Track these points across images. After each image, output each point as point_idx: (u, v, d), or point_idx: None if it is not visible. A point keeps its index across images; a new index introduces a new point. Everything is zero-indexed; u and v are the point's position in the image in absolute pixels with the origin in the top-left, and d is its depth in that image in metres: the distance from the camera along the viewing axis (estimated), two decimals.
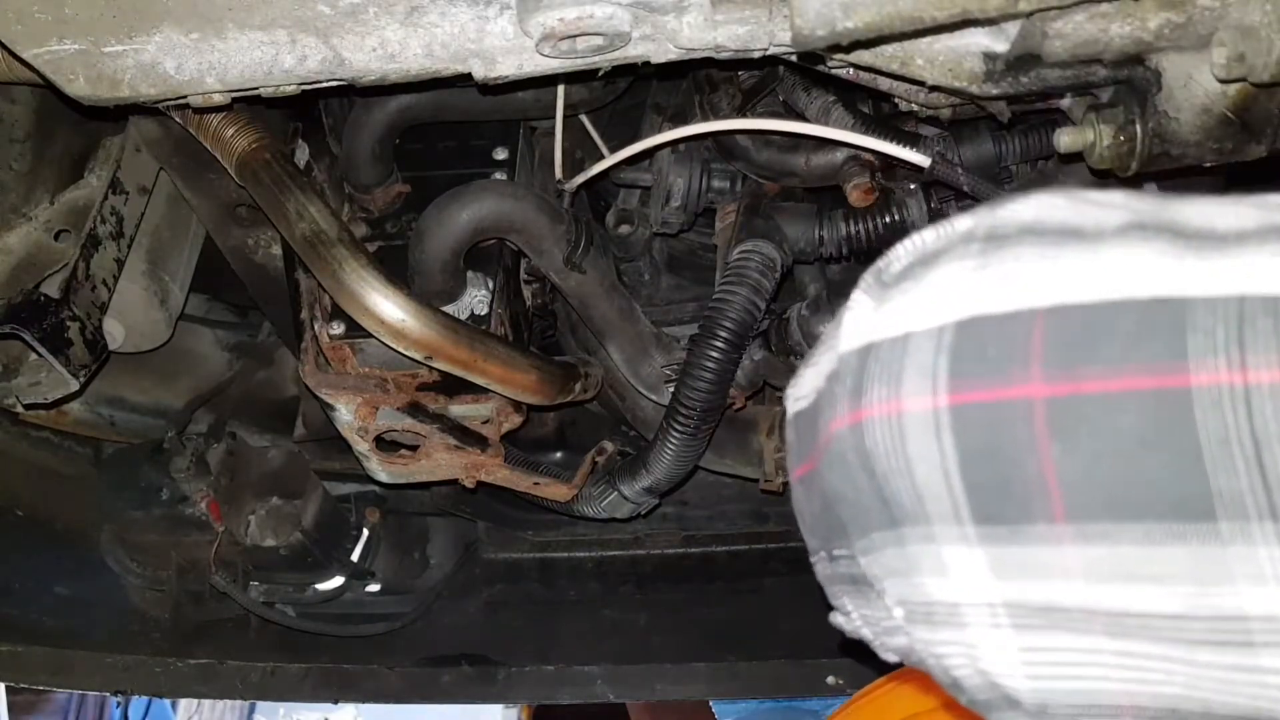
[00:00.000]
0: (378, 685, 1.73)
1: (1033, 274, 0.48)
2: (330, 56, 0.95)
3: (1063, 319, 0.47)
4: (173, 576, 1.70)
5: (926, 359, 0.49)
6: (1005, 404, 0.47)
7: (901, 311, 0.51)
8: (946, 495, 0.48)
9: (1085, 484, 0.45)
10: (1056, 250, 0.49)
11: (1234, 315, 0.43)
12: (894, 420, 0.49)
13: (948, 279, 0.51)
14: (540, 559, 1.81)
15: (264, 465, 1.68)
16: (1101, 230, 0.49)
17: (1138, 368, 0.44)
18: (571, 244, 1.26)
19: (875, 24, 0.85)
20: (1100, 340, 0.45)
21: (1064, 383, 0.46)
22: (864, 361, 0.52)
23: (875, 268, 0.56)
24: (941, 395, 0.48)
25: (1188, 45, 0.90)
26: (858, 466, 0.52)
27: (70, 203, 1.38)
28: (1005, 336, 0.47)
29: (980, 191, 1.14)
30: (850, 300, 0.56)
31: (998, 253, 0.50)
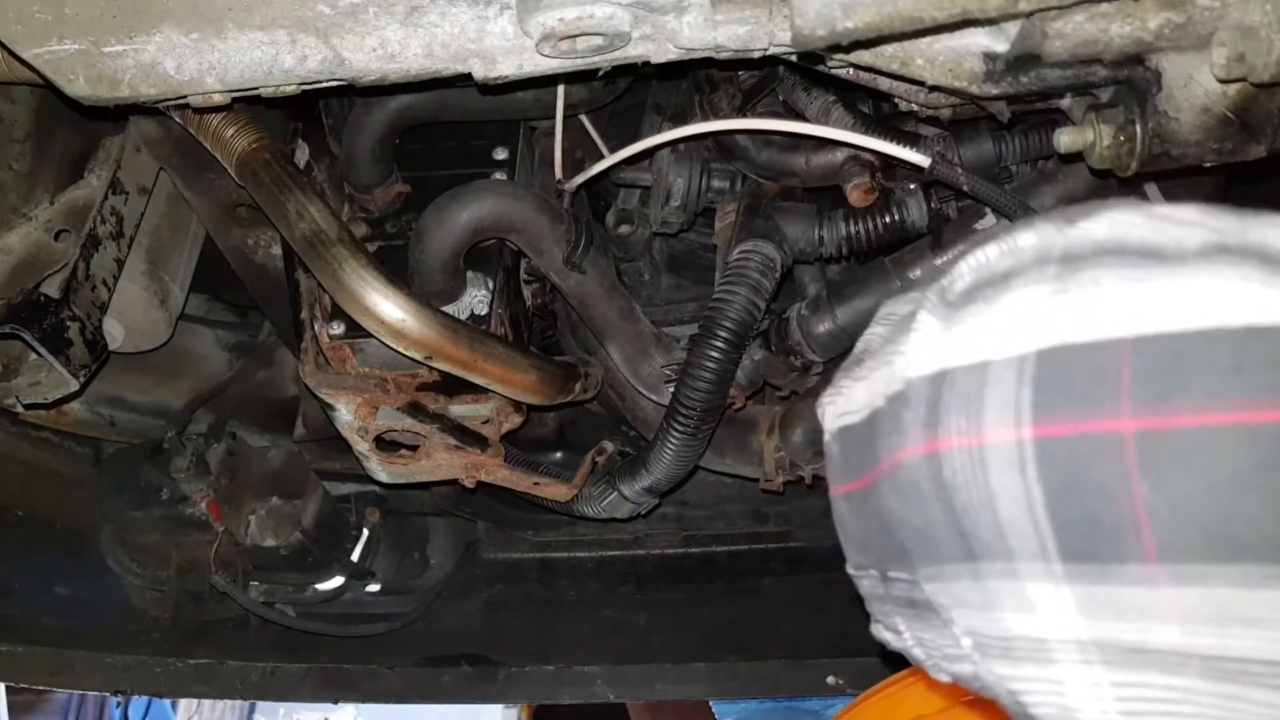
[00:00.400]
0: (378, 685, 1.73)
1: (1116, 299, 0.46)
2: (330, 56, 0.95)
3: (1152, 349, 0.45)
4: (173, 576, 1.69)
5: (1008, 389, 0.47)
6: (1093, 438, 0.45)
7: (975, 336, 0.50)
8: (1032, 531, 0.47)
9: (1180, 523, 0.44)
10: (1139, 273, 0.46)
11: None
12: (975, 452, 0.48)
13: (1024, 303, 0.49)
14: (540, 559, 1.81)
15: (264, 465, 1.68)
16: (1183, 251, 0.47)
17: (1234, 402, 0.43)
18: (571, 244, 1.26)
19: (875, 24, 0.85)
20: (1193, 372, 0.43)
21: (1155, 417, 0.44)
22: (938, 389, 0.50)
23: (938, 285, 0.54)
24: (1025, 428, 0.46)
25: (1188, 45, 0.90)
26: (933, 497, 0.50)
27: (70, 203, 1.38)
28: (1091, 367, 0.46)
29: (980, 192, 1.14)
30: (915, 320, 0.53)
31: (1076, 275, 0.48)
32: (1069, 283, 0.48)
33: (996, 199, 1.15)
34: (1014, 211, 1.15)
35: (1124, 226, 0.50)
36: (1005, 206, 1.15)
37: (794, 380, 1.37)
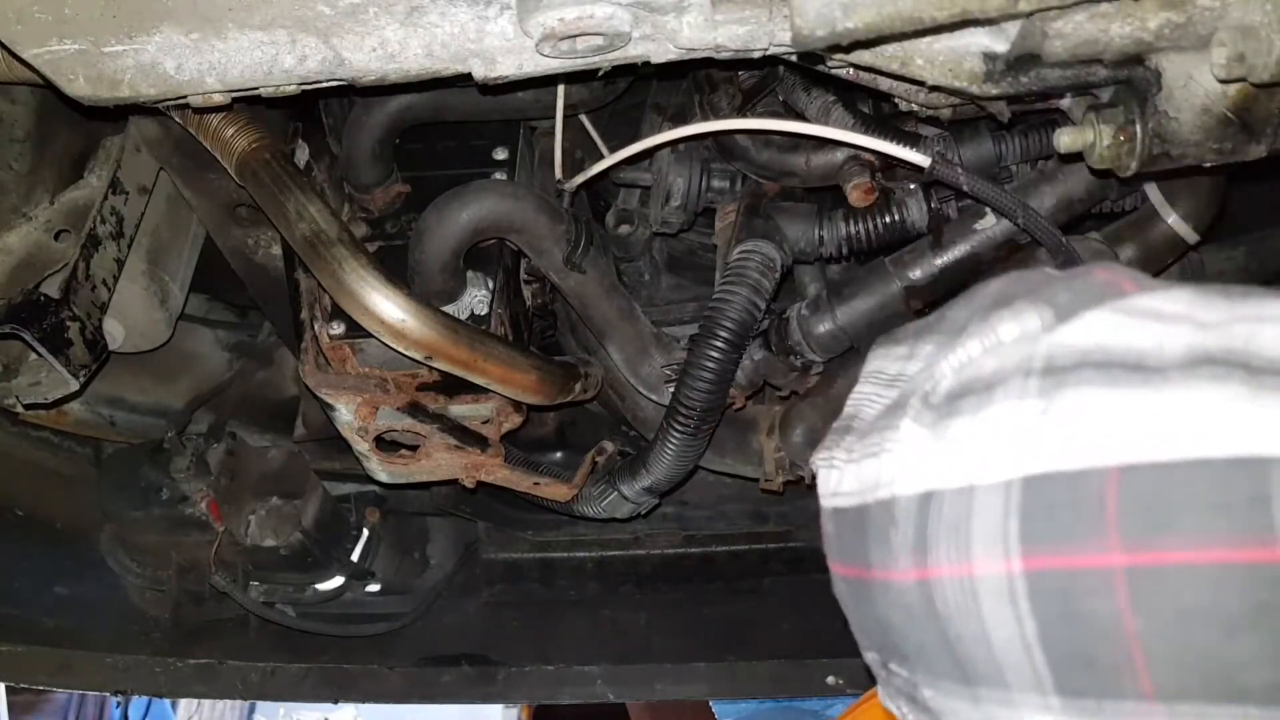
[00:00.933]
0: (378, 685, 1.73)
1: (1100, 423, 0.46)
2: (330, 56, 0.95)
3: (1136, 480, 0.44)
4: (173, 576, 1.69)
5: (995, 519, 0.47)
6: (1083, 572, 0.45)
7: (961, 456, 0.49)
8: (1027, 665, 0.47)
9: (1175, 663, 0.43)
10: (1122, 391, 0.46)
11: None
12: (966, 583, 0.48)
13: (1009, 422, 0.48)
14: (540, 559, 1.81)
15: (264, 465, 1.68)
16: (1166, 361, 0.46)
17: (1221, 539, 0.42)
18: (571, 244, 1.26)
19: (875, 24, 0.85)
20: (1179, 506, 0.43)
21: (1144, 551, 0.44)
22: (924, 512, 0.50)
23: (922, 390, 0.54)
24: (1015, 560, 0.46)
25: (1188, 45, 0.90)
26: (926, 623, 0.50)
27: (70, 203, 1.38)
28: (1077, 498, 0.45)
29: (980, 192, 1.14)
30: (899, 428, 0.53)
31: (1059, 392, 0.47)
32: (1052, 401, 0.48)
33: (996, 199, 1.15)
34: (1014, 212, 1.15)
35: (1107, 330, 0.49)
36: (1005, 207, 1.15)
37: (794, 380, 1.37)
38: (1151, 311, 0.50)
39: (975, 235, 1.26)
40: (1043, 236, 1.15)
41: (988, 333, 0.53)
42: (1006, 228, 1.24)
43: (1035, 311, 0.52)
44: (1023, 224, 1.15)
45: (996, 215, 1.24)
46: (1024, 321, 0.52)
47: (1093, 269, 0.56)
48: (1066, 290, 0.53)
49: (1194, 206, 1.26)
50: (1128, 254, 1.27)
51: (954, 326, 0.57)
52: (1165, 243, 1.28)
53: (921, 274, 1.27)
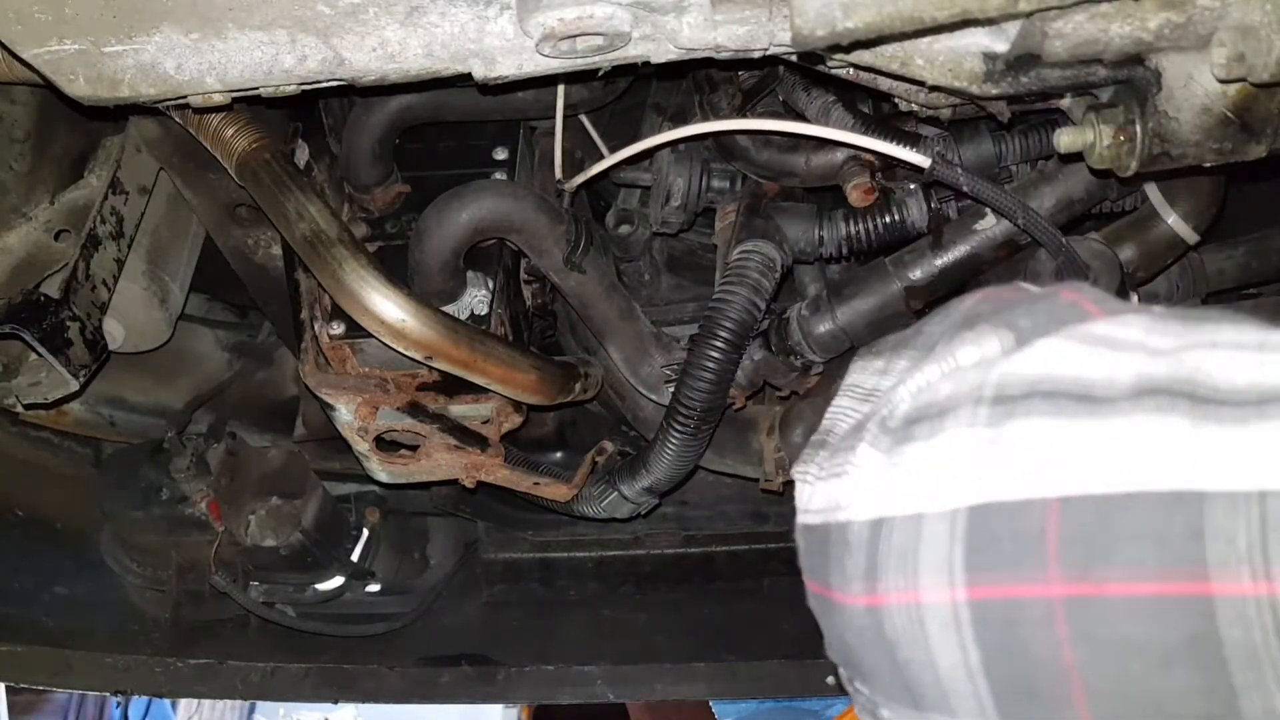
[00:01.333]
0: (378, 685, 1.73)
1: (1044, 455, 0.46)
2: (330, 56, 0.95)
3: (1077, 511, 0.45)
4: (173, 576, 1.69)
5: (941, 547, 0.48)
6: (1024, 602, 0.45)
7: (912, 482, 0.50)
8: (971, 693, 0.47)
9: (1111, 695, 0.44)
10: (1067, 422, 0.46)
11: (1256, 518, 0.41)
12: (913, 611, 0.48)
13: (958, 450, 0.49)
14: (540, 559, 1.81)
15: (264, 465, 1.68)
16: (1113, 393, 0.47)
17: (1156, 572, 0.42)
18: (571, 244, 1.26)
19: (875, 24, 0.85)
20: (1117, 539, 0.44)
21: (1082, 583, 0.44)
22: (876, 538, 0.50)
23: (880, 414, 0.54)
24: (959, 589, 0.47)
25: (1188, 45, 0.90)
26: (878, 648, 0.51)
27: (70, 203, 1.38)
28: (1019, 528, 0.46)
29: (980, 192, 1.14)
30: (857, 451, 0.53)
31: (1007, 422, 0.48)
32: (1000, 430, 0.48)
33: (996, 199, 1.15)
34: (1014, 213, 1.15)
35: (1058, 359, 0.50)
36: (1005, 207, 1.15)
37: (794, 380, 1.37)
38: (1106, 339, 0.50)
39: (975, 235, 1.26)
40: (1043, 237, 1.15)
41: (947, 357, 0.54)
42: (1006, 228, 1.24)
43: (996, 336, 0.53)
44: (1023, 224, 1.15)
45: (996, 215, 1.24)
46: (984, 346, 0.53)
47: (1060, 290, 0.57)
48: (1028, 314, 0.54)
49: (1194, 206, 1.26)
50: (1128, 254, 1.27)
51: (927, 343, 0.57)
52: (1165, 243, 1.28)
53: (921, 274, 1.27)
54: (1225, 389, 0.45)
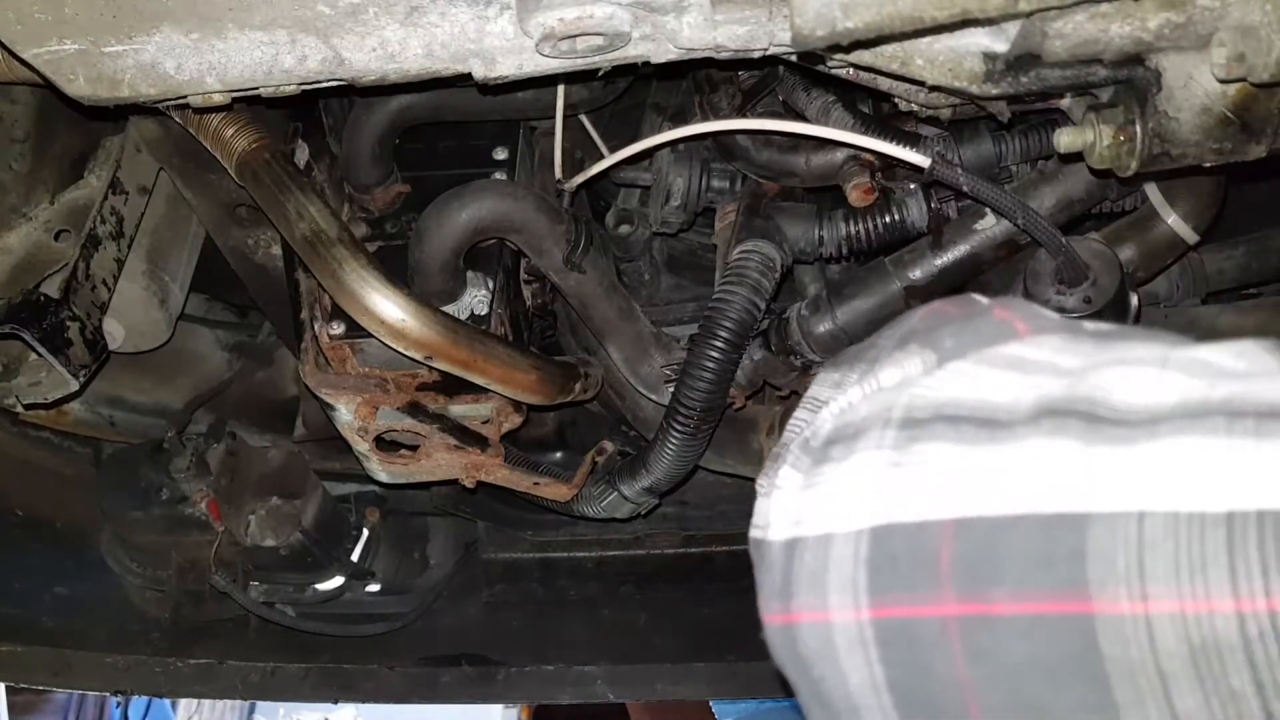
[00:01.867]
0: (378, 685, 1.73)
1: (942, 478, 0.48)
2: (330, 56, 0.95)
3: (969, 533, 0.46)
4: (172, 576, 1.69)
5: (847, 568, 0.49)
6: (922, 622, 0.47)
7: (823, 505, 0.52)
8: (878, 709, 0.49)
9: (1003, 710, 0.45)
10: (967, 449, 0.48)
11: (1134, 537, 0.42)
12: (823, 630, 0.50)
13: (864, 472, 0.51)
14: (540, 559, 1.81)
15: (264, 465, 1.68)
16: (1014, 416, 0.48)
17: (1041, 592, 0.44)
18: (571, 244, 1.26)
19: (875, 24, 0.85)
20: (1005, 560, 0.45)
21: (974, 603, 0.45)
22: (790, 558, 0.52)
23: (803, 436, 0.56)
24: (864, 609, 0.49)
25: (1188, 45, 0.90)
26: (794, 666, 0.53)
27: (70, 203, 1.38)
28: (916, 550, 0.47)
29: (980, 192, 1.14)
30: (779, 474, 0.55)
31: (911, 447, 0.50)
32: (904, 454, 0.50)
33: (996, 199, 1.15)
34: (1013, 212, 1.15)
35: (966, 383, 0.51)
36: (1004, 207, 1.15)
37: (794, 380, 1.37)
38: (1016, 361, 0.52)
39: (975, 235, 1.26)
40: (1042, 237, 1.15)
41: (870, 379, 0.56)
42: (1006, 228, 1.24)
43: (920, 356, 0.55)
44: (1022, 224, 1.15)
45: (996, 215, 1.24)
46: (905, 367, 0.55)
47: (995, 307, 0.58)
48: (955, 334, 0.55)
49: (1194, 206, 1.26)
50: (1128, 254, 1.27)
51: (874, 357, 0.59)
52: (1165, 243, 1.28)
53: (921, 274, 1.27)
54: (1121, 408, 0.46)
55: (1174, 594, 0.41)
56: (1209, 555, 0.41)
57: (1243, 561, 0.40)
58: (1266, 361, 0.48)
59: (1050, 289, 1.18)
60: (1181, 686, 0.41)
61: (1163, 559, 0.41)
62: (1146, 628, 0.41)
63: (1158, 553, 0.42)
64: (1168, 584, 0.41)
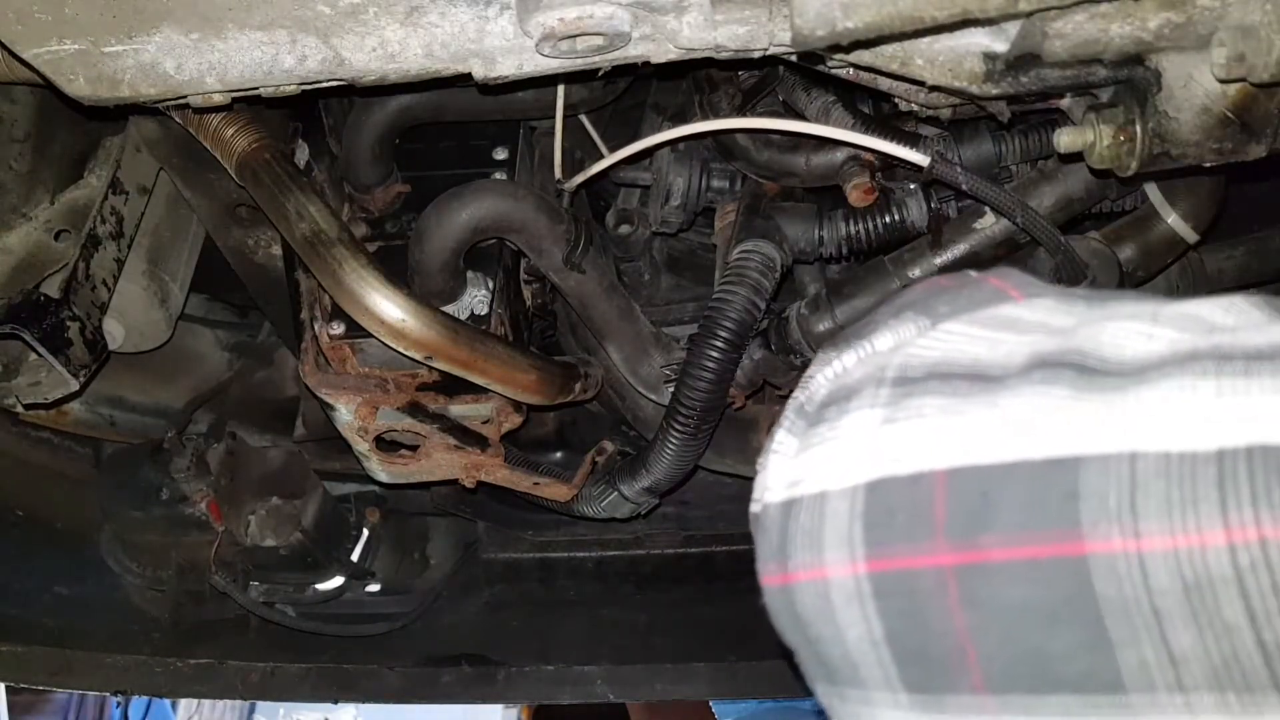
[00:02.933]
0: (378, 685, 1.73)
1: (934, 431, 0.48)
2: (330, 56, 0.95)
3: (962, 482, 0.46)
4: (172, 576, 1.69)
5: (843, 524, 0.49)
6: (918, 572, 0.47)
7: (818, 464, 0.52)
8: (877, 663, 0.49)
9: (1000, 656, 0.45)
10: (959, 402, 0.48)
11: (1126, 477, 0.42)
12: (820, 586, 0.50)
13: (858, 430, 0.51)
14: (540, 559, 1.81)
15: (264, 465, 1.68)
16: (1007, 371, 0.49)
17: (1034, 535, 0.44)
18: (571, 243, 1.26)
19: (875, 24, 0.85)
20: (998, 506, 0.45)
21: (969, 551, 0.46)
22: (786, 519, 0.52)
23: (798, 400, 0.57)
24: (860, 563, 0.49)
25: (1188, 45, 0.90)
26: (792, 627, 0.53)
27: (70, 203, 1.38)
28: (910, 501, 0.48)
29: (979, 191, 1.14)
30: (775, 438, 0.56)
31: (904, 402, 0.50)
32: (897, 410, 0.50)
33: (995, 198, 1.15)
34: (1013, 211, 1.15)
35: (960, 342, 0.52)
36: (1003, 206, 1.15)
37: (794, 379, 1.37)
38: (1010, 321, 0.52)
39: (974, 234, 1.26)
40: (1041, 236, 1.15)
41: (865, 344, 0.56)
42: (1006, 227, 1.24)
43: (914, 323, 0.55)
44: (1021, 223, 1.15)
45: (996, 214, 1.24)
46: (899, 332, 0.55)
47: (988, 276, 0.58)
48: (949, 300, 0.56)
49: (1193, 206, 1.26)
50: (1127, 253, 1.27)
51: (872, 330, 0.59)
52: (1165, 242, 1.28)
53: (920, 273, 1.27)
54: (1113, 360, 0.47)
55: (1166, 531, 0.41)
56: (1200, 491, 0.41)
57: (1233, 495, 0.40)
58: (1254, 315, 0.48)
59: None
60: (1176, 623, 0.41)
61: (1155, 497, 0.42)
62: (1140, 565, 0.41)
63: (1150, 491, 0.42)
64: (1160, 521, 0.41)
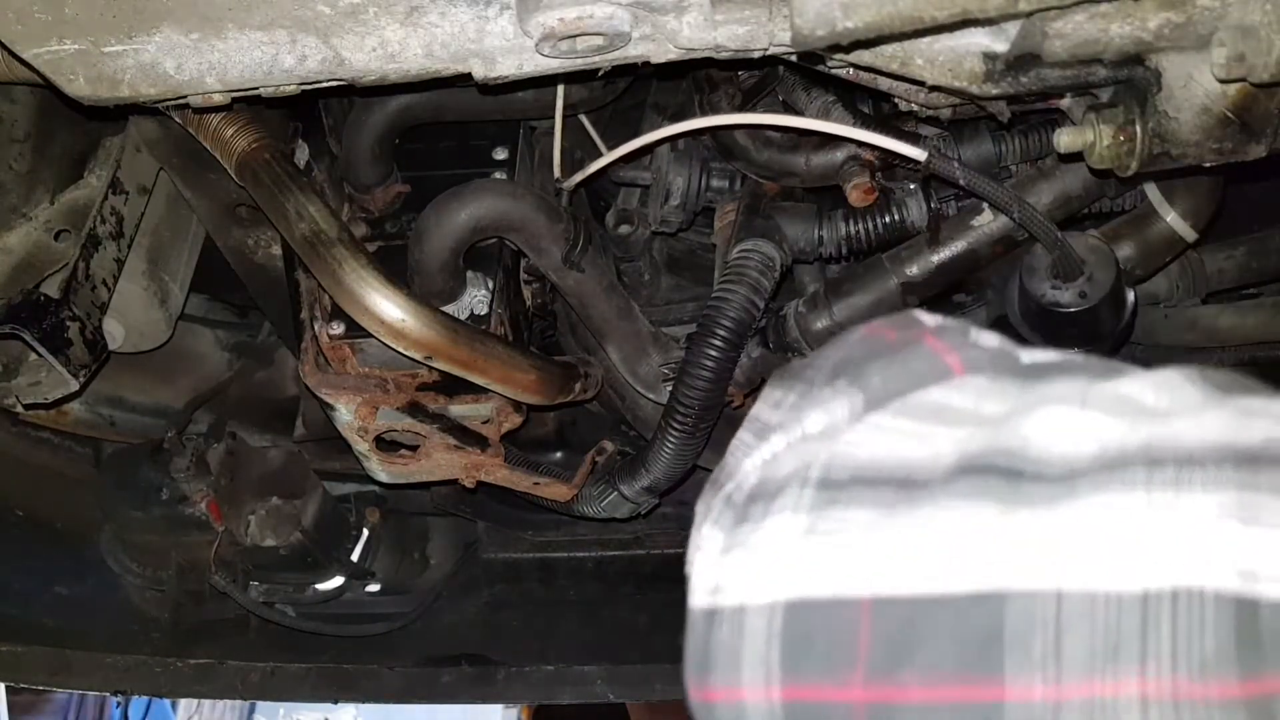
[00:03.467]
0: (378, 685, 1.73)
1: (857, 553, 0.46)
2: (330, 56, 0.95)
3: (884, 615, 0.45)
4: (172, 577, 1.69)
5: (760, 645, 0.47)
6: (834, 705, 0.45)
7: (738, 573, 0.50)
8: None
9: None
10: (884, 516, 0.46)
11: (1052, 621, 0.41)
12: (737, 709, 0.48)
13: (780, 539, 0.49)
14: (540, 559, 1.81)
15: (264, 465, 1.68)
16: (933, 476, 0.47)
17: (956, 678, 0.43)
18: (570, 242, 1.26)
19: (875, 24, 0.85)
20: (920, 644, 0.44)
21: (886, 688, 0.44)
22: (708, 629, 0.50)
23: (725, 489, 0.54)
24: (775, 689, 0.47)
25: (1188, 45, 0.90)
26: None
27: (70, 203, 1.37)
28: (829, 629, 0.46)
29: (976, 185, 1.14)
30: (702, 531, 0.53)
31: (828, 512, 0.48)
32: (820, 519, 0.48)
33: (992, 193, 1.15)
34: (1009, 206, 1.15)
35: (888, 439, 0.50)
36: (1000, 200, 1.15)
37: None
38: (939, 410, 0.50)
39: (972, 232, 1.26)
40: (1038, 231, 1.15)
41: (795, 425, 0.54)
42: (1003, 224, 1.24)
43: (847, 398, 0.53)
44: (1018, 218, 1.15)
45: (993, 212, 1.24)
46: (832, 411, 0.53)
47: (925, 335, 0.56)
48: (883, 370, 0.53)
49: (1192, 204, 1.26)
50: (1126, 251, 1.27)
51: (814, 378, 0.57)
52: (1163, 240, 1.28)
53: (918, 270, 1.27)
54: (1042, 459, 0.45)
55: (1085, 678, 0.40)
56: (1123, 639, 0.40)
57: (1154, 645, 0.39)
58: (1188, 394, 0.47)
59: (1046, 283, 1.18)
60: None
61: (1079, 644, 0.40)
62: (1054, 713, 0.40)
63: (1075, 636, 0.41)
64: (1081, 669, 0.40)
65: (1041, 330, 1.20)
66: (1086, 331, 1.19)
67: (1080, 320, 1.17)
